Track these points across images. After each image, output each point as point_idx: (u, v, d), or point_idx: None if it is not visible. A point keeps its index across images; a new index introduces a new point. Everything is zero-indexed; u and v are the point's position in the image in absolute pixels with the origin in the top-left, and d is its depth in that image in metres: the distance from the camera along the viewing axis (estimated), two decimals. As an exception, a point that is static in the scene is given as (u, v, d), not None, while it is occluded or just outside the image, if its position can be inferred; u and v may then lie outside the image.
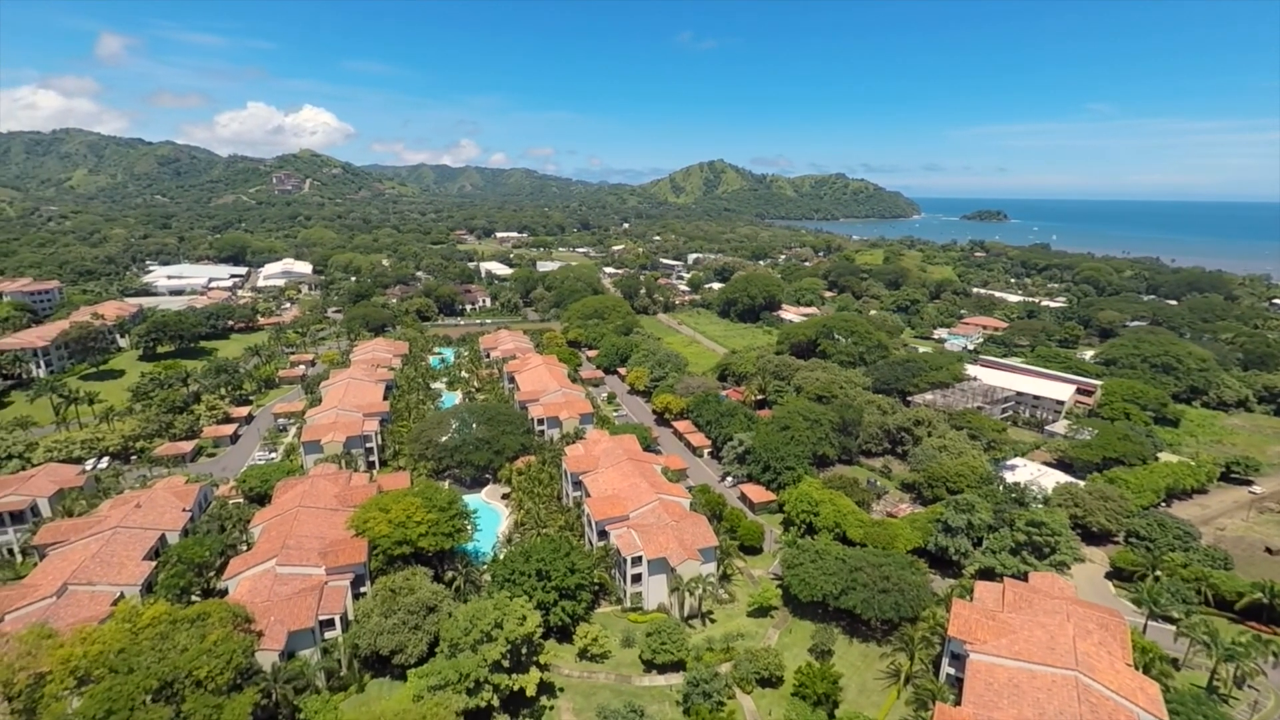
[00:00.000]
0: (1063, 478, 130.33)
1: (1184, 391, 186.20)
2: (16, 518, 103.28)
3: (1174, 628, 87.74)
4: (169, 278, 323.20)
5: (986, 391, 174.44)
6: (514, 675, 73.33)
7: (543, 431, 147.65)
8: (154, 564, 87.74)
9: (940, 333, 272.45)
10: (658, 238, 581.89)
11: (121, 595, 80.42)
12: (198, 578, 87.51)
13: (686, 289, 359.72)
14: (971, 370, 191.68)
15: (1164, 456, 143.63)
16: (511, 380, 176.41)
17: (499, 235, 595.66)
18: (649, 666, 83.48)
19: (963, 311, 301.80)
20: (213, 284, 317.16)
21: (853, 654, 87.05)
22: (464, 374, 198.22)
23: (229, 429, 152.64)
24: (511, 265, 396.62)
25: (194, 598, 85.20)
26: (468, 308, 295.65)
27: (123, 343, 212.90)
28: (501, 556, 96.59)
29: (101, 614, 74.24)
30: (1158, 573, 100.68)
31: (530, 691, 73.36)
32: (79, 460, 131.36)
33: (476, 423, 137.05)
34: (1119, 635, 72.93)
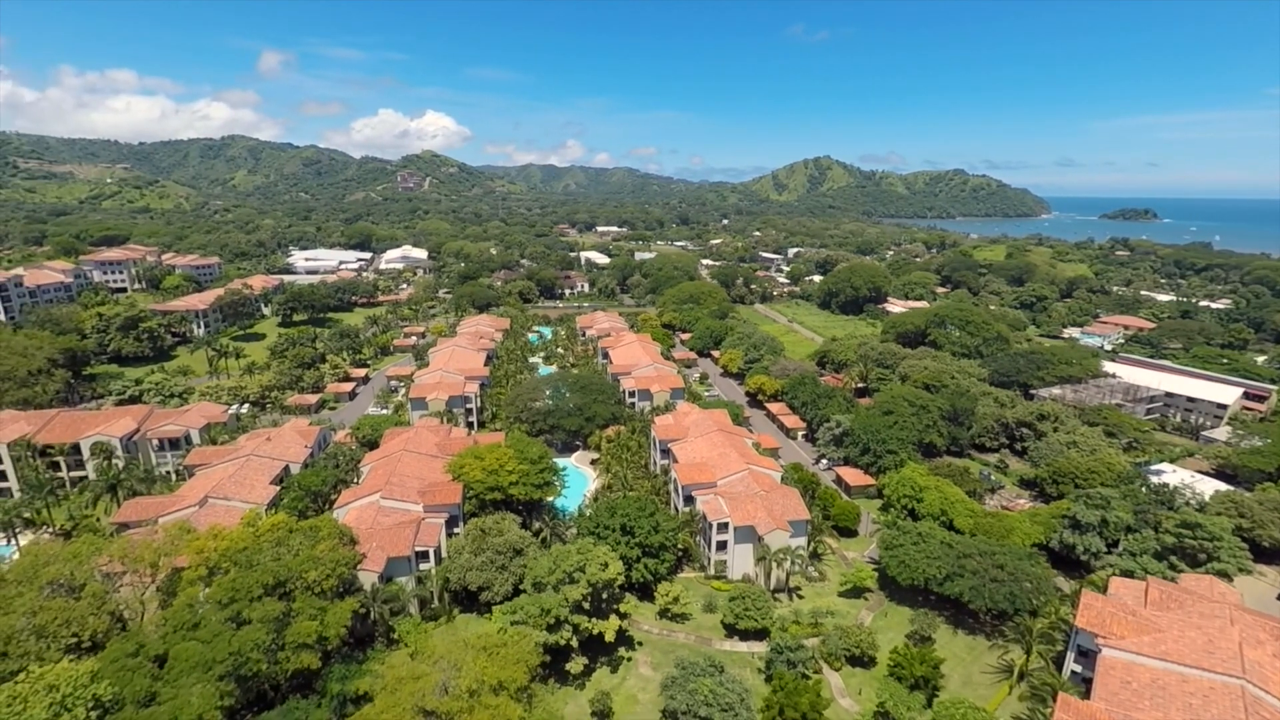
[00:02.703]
0: (1222, 487, 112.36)
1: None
2: (174, 444, 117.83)
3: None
4: (306, 259, 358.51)
5: (1127, 389, 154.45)
6: (593, 620, 73.15)
7: (633, 403, 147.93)
8: (278, 488, 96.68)
9: (1071, 331, 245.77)
10: (757, 233, 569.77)
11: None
12: (313, 504, 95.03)
13: (785, 281, 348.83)
14: (1110, 367, 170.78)
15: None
16: (605, 356, 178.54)
17: (599, 229, 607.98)
18: (730, 632, 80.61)
19: (1099, 310, 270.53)
20: (342, 266, 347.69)
21: (957, 645, 79.37)
22: (560, 350, 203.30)
23: (348, 387, 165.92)
24: (610, 255, 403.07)
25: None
26: (567, 292, 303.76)
27: (265, 310, 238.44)
28: (588, 513, 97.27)
29: (233, 524, 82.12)
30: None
31: (609, 637, 72.85)
32: (225, 404, 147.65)
33: (570, 391, 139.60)
34: (1299, 651, 60.99)
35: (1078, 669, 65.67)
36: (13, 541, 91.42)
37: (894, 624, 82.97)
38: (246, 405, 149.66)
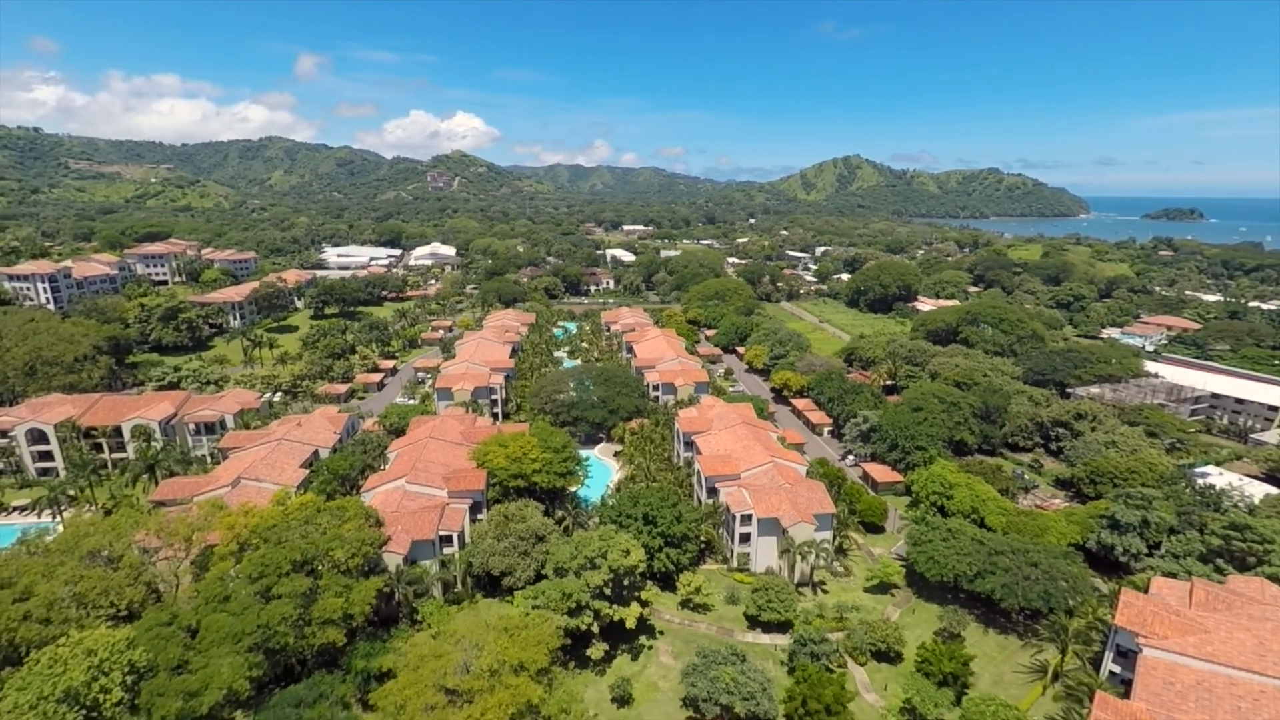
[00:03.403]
0: (1274, 491, 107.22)
1: None
2: (209, 428, 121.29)
3: None
4: (338, 255, 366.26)
5: (1170, 389, 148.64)
6: (615, 606, 72.89)
7: (657, 397, 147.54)
8: (308, 471, 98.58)
9: (1110, 332, 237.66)
10: (785, 232, 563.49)
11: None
12: (341, 487, 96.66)
13: (813, 279, 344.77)
14: (1152, 367, 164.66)
15: None
16: (630, 350, 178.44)
17: (625, 228, 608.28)
18: (753, 623, 79.60)
19: (1140, 311, 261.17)
20: (372, 262, 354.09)
21: (988, 644, 77.11)
22: (584, 344, 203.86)
23: (377, 377, 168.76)
24: (636, 253, 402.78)
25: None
26: (592, 288, 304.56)
27: (298, 303, 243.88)
28: (611, 502, 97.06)
29: (263, 504, 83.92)
30: None
31: (630, 624, 72.54)
32: (259, 392, 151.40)
33: (594, 383, 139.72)
34: (1359, 658, 57.69)
35: (1116, 670, 63.19)
36: (58, 517, 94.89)
37: (921, 620, 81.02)
38: (279, 393, 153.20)
